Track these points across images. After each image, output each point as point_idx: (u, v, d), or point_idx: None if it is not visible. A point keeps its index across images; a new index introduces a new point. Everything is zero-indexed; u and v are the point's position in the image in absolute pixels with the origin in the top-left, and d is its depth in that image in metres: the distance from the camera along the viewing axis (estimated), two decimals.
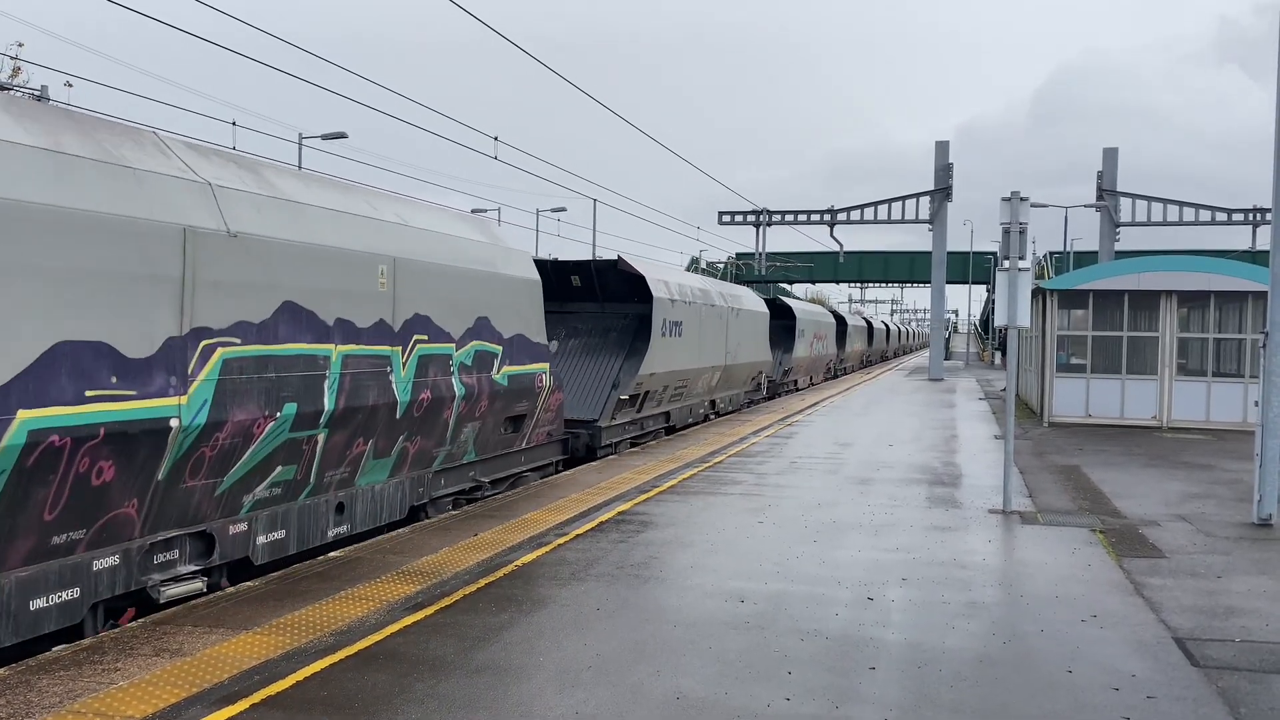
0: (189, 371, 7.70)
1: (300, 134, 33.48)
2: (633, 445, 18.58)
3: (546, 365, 14.26)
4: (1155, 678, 6.25)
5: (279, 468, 8.86)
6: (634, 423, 18.69)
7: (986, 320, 74.72)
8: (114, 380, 7.05)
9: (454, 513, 11.46)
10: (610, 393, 17.50)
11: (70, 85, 49.57)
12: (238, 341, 8.20)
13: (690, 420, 22.55)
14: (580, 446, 16.60)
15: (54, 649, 6.66)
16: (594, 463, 15.90)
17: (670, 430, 21.03)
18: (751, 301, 27.39)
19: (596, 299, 19.09)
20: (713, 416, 24.29)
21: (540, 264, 16.79)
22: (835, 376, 46.05)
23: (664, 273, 20.69)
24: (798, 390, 35.75)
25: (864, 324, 60.60)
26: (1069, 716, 5.61)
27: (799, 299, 50.62)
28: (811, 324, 37.57)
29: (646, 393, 18.72)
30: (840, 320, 47.94)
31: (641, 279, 18.42)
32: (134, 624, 7.12)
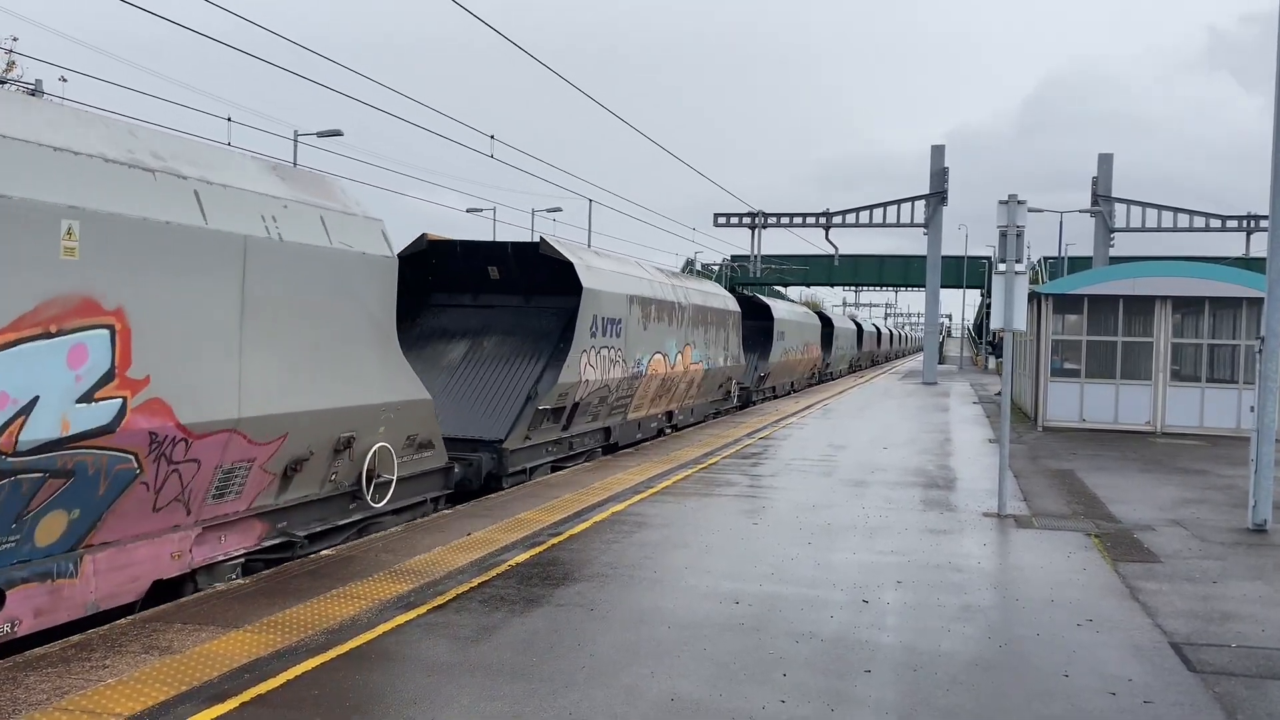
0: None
1: (296, 131, 33.42)
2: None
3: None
4: (1152, 683, 6.22)
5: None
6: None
7: (980, 325, 74.89)
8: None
9: (446, 511, 11.42)
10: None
11: (65, 80, 49.36)
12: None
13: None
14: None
15: (41, 646, 6.59)
16: (595, 461, 15.89)
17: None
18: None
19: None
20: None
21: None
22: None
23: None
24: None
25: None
26: None
27: (793, 301, 53.15)
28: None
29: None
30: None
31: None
32: (123, 621, 7.05)
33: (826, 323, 46.10)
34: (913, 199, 42.82)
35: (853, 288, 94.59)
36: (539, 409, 13.84)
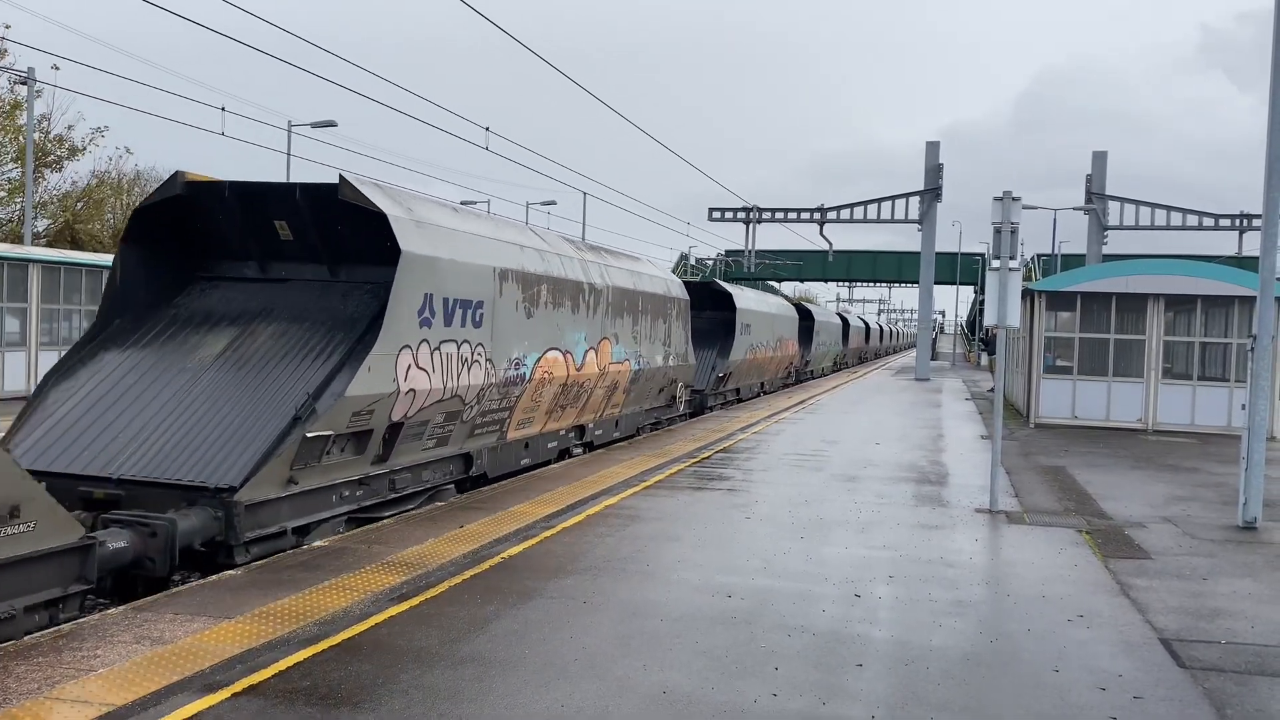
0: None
1: (289, 121, 33.31)
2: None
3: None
4: (1142, 678, 6.24)
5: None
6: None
7: (973, 321, 75.02)
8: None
9: (439, 504, 11.40)
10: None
11: (57, 68, 49.13)
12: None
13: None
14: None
15: (31, 635, 6.58)
16: (584, 456, 15.88)
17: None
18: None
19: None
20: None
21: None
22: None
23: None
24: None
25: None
26: (1055, 716, 5.59)
27: (786, 297, 52.92)
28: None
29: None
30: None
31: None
32: (114, 611, 7.04)
33: (806, 315, 41.96)
34: (907, 195, 42.86)
35: (847, 283, 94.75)
36: (309, 436, 9.10)
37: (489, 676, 5.91)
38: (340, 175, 10.37)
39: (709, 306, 26.84)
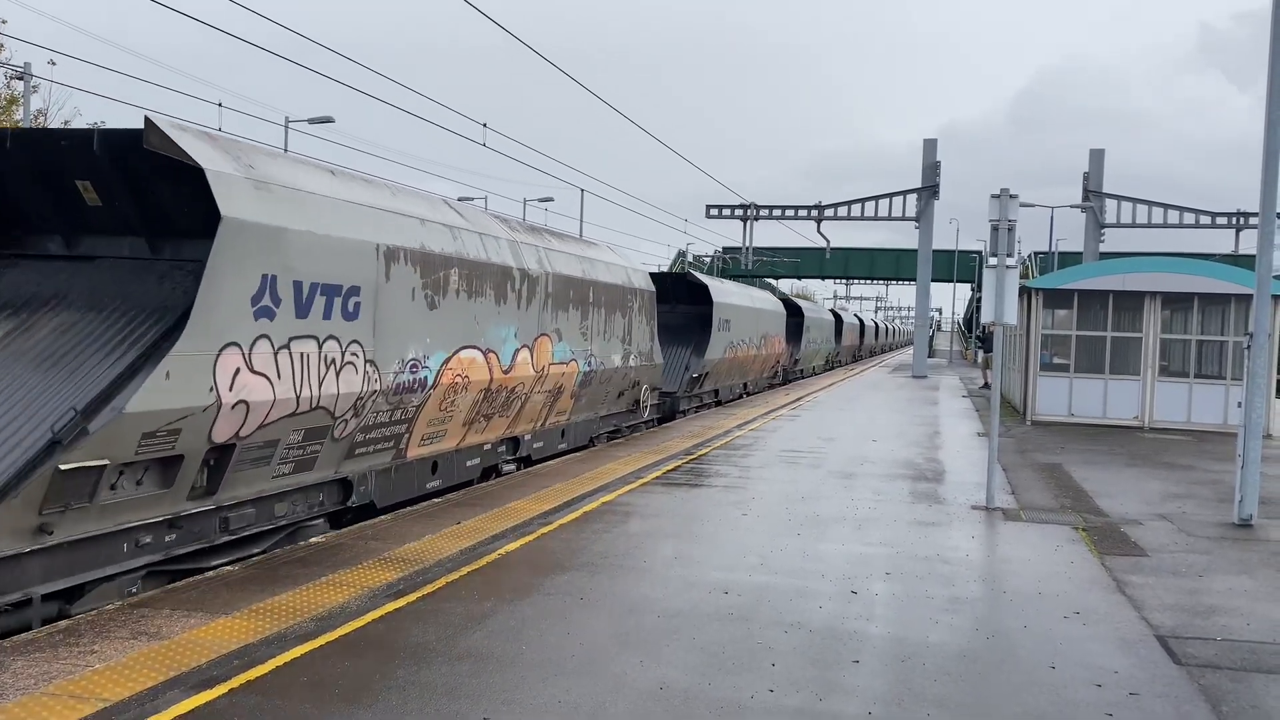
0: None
1: (287, 117, 33.26)
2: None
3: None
4: (1138, 675, 6.26)
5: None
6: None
7: (970, 319, 75.08)
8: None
9: (436, 500, 11.40)
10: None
11: (54, 64, 49.04)
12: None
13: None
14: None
15: (29, 631, 6.57)
16: (585, 451, 15.88)
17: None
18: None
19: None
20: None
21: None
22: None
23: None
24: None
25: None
26: (1052, 713, 5.61)
27: (781, 294, 52.95)
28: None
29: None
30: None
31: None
32: (111, 606, 7.04)
33: (795, 311, 39.99)
34: (904, 192, 42.86)
35: (844, 280, 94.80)
36: (64, 468, 6.73)
37: (486, 672, 5.91)
38: (146, 118, 7.99)
39: (684, 300, 24.92)
